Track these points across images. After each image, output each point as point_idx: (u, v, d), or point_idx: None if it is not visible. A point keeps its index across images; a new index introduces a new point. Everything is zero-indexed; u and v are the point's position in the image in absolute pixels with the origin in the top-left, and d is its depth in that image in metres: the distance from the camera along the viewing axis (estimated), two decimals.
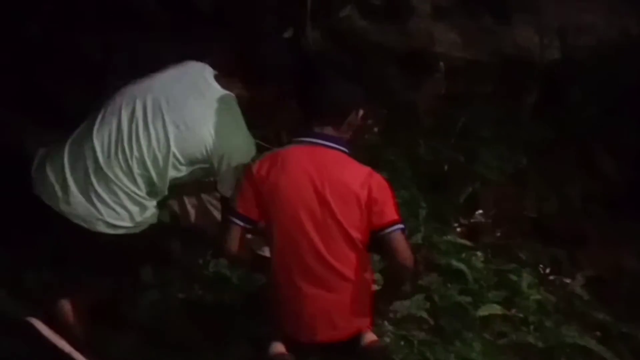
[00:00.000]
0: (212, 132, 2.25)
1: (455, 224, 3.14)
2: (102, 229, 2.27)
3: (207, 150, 2.26)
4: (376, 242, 2.21)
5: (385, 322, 2.61)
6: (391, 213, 2.19)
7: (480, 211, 3.21)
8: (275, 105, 2.52)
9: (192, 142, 2.26)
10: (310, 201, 2.14)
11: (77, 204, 2.26)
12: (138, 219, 2.30)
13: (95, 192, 2.26)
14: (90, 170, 2.27)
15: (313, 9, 3.20)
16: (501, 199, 3.27)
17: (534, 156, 3.44)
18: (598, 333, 2.78)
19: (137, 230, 2.31)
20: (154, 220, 2.36)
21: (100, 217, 2.26)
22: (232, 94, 2.32)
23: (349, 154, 2.24)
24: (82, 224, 2.27)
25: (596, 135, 3.54)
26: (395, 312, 2.66)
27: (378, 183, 2.21)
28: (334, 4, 3.53)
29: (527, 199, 3.31)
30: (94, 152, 2.27)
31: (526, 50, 3.73)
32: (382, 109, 3.67)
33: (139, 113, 2.27)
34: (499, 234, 3.16)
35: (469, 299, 2.79)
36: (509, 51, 3.72)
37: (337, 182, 2.15)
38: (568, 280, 3.02)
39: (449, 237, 3.01)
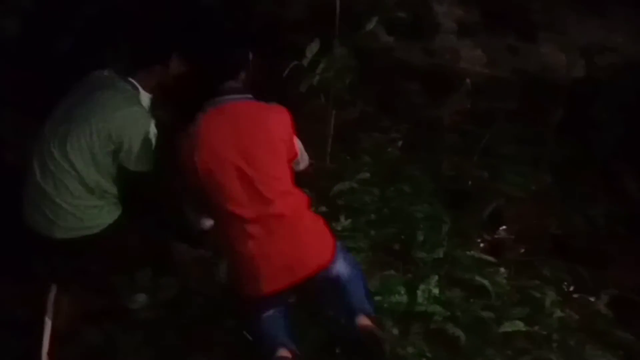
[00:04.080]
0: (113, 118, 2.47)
1: (479, 240, 3.14)
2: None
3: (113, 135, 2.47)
4: None
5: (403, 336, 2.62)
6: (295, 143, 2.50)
7: (504, 227, 3.21)
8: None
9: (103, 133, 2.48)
10: (236, 153, 2.32)
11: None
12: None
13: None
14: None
15: (339, 24, 3.23)
16: (525, 216, 3.26)
17: (558, 174, 3.44)
18: (621, 352, 2.76)
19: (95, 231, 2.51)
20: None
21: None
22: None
23: (254, 99, 2.45)
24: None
25: (620, 154, 3.53)
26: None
27: (288, 119, 2.46)
28: (361, 20, 3.57)
29: (550, 216, 3.30)
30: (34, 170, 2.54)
31: (551, 68, 3.74)
32: (405, 124, 3.71)
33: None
34: (522, 251, 3.15)
35: (491, 314, 2.78)
36: (533, 69, 3.74)
37: (254, 128, 2.36)
38: (592, 299, 3.00)
39: (472, 253, 3.01)
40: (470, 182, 3.33)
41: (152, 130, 2.52)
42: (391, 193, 3.28)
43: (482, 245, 3.11)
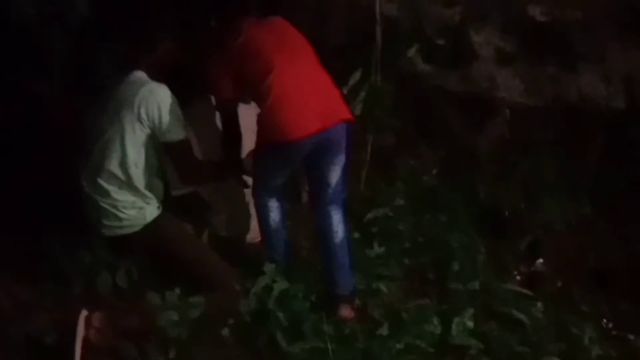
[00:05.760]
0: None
1: (515, 272, 3.09)
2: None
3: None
4: None
5: None
6: None
7: (542, 260, 3.15)
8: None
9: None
10: (279, 45, 2.73)
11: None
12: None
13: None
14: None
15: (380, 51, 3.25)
16: (563, 248, 3.20)
17: (598, 206, 3.37)
18: None
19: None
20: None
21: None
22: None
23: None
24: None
25: None
26: None
27: None
28: (400, 47, 3.58)
29: (590, 249, 3.23)
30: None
31: (592, 98, 3.68)
32: (442, 151, 3.69)
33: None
34: (560, 284, 3.09)
35: (527, 349, 2.73)
36: (573, 99, 3.68)
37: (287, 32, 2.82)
38: (632, 337, 2.92)
39: (509, 285, 2.96)
40: (507, 212, 3.28)
41: (171, 97, 2.62)
42: (426, 221, 3.26)
43: (518, 277, 3.07)
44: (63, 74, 3.01)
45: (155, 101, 2.57)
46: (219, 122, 2.97)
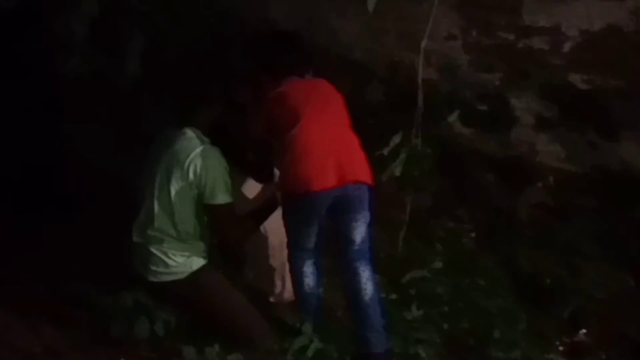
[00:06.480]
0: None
1: (557, 342, 3.00)
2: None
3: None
4: None
5: None
6: None
7: (584, 330, 3.06)
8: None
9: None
10: (311, 101, 2.80)
11: None
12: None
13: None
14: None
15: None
16: (606, 319, 3.12)
17: None
18: None
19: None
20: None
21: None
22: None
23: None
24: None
25: None
26: None
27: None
28: (441, 110, 3.62)
29: (634, 321, 3.14)
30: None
31: (632, 166, 3.65)
32: (480, 215, 3.67)
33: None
34: (603, 357, 2.99)
35: None
36: (614, 166, 3.66)
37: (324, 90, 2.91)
38: None
39: (551, 356, 2.88)
40: (548, 280, 3.22)
41: (222, 160, 2.68)
42: (465, 285, 3.21)
43: (561, 348, 2.97)
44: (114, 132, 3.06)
45: (205, 165, 2.62)
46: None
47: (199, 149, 2.65)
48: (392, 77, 3.85)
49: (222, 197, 2.65)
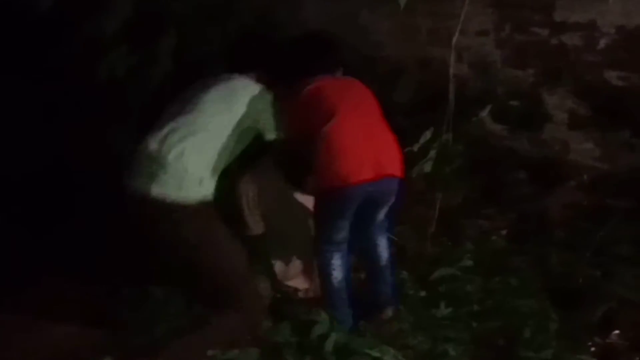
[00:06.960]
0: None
1: (589, 343, 2.94)
2: None
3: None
4: None
5: None
6: None
7: (617, 332, 3.00)
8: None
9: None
10: (345, 97, 2.86)
11: None
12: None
13: None
14: None
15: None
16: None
17: None
18: None
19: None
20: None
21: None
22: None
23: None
24: None
25: None
26: None
27: None
28: (472, 107, 3.57)
29: None
30: None
31: None
32: (511, 214, 3.62)
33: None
34: (637, 359, 2.93)
35: None
36: None
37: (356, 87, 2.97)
38: None
39: (583, 357, 2.83)
40: (580, 281, 3.16)
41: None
42: (495, 284, 3.17)
43: (593, 349, 2.92)
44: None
45: (264, 102, 2.79)
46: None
47: (258, 88, 2.80)
48: (423, 74, 3.82)
49: (271, 135, 2.82)
